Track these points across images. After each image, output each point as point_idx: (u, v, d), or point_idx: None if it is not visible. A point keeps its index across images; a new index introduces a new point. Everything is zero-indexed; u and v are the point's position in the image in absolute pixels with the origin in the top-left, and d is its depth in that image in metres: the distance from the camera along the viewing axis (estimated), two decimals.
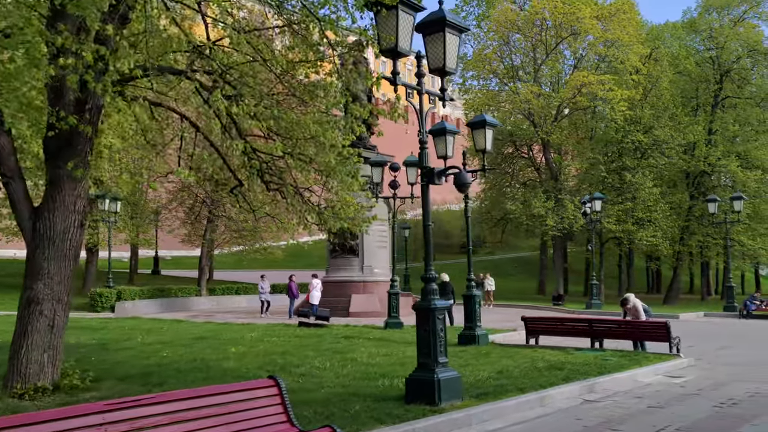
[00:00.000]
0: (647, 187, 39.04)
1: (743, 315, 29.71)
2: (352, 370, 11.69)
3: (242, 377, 10.51)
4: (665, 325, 14.55)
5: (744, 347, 18.27)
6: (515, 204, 41.01)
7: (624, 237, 39.95)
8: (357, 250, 29.96)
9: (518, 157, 45.23)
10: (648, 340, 15.27)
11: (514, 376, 11.10)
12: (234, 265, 51.84)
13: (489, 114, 43.87)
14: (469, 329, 16.20)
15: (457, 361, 12.94)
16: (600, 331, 15.62)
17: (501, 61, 42.43)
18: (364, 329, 20.31)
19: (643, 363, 13.17)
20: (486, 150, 16.17)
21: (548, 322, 16.65)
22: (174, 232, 38.75)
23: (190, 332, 18.05)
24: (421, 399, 8.78)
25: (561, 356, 13.78)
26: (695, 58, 45.29)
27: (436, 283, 21.74)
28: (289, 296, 28.23)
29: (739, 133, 43.85)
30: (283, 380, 5.99)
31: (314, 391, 9.61)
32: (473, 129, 16.29)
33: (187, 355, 13.14)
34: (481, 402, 9.04)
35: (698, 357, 15.18)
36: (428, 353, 9.02)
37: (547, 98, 39.90)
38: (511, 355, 13.89)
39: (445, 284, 22.36)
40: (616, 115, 38.36)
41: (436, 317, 9.06)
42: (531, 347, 15.70)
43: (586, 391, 10.63)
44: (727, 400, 9.84)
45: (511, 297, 45.28)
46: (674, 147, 40.76)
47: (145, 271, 48.51)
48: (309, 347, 14.98)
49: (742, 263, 46.50)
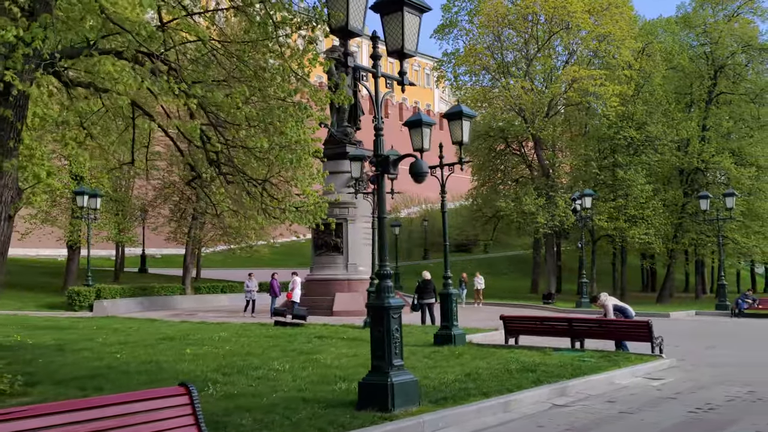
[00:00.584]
0: (639, 184, 38.43)
1: (735, 314, 29.15)
2: (312, 372, 11.09)
3: (191, 381, 9.91)
4: (647, 325, 13.95)
5: (732, 347, 17.69)
6: (506, 201, 40.40)
7: (616, 234, 39.34)
8: (341, 248, 29.40)
9: (510, 153, 44.59)
10: (629, 339, 14.69)
11: (483, 379, 10.50)
12: (223, 263, 51.21)
13: (480, 110, 43.36)
14: (445, 329, 15.59)
15: (426, 363, 12.37)
16: (580, 330, 15.02)
17: (492, 56, 41.77)
18: (341, 328, 19.71)
19: (622, 364, 12.58)
20: (463, 142, 15.58)
21: (527, 322, 16.05)
22: (158, 230, 38.13)
23: (159, 332, 17.43)
24: (374, 405, 8.18)
25: (537, 357, 13.18)
26: (689, 53, 44.68)
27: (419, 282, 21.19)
28: (271, 294, 27.65)
29: (733, 130, 43.28)
30: (195, 388, 5.39)
31: (264, 395, 9.00)
32: (449, 120, 15.70)
33: (144, 357, 12.53)
34: (439, 408, 8.44)
35: (682, 357, 14.60)
36: (382, 355, 8.41)
37: (538, 93, 39.29)
38: (486, 356, 13.29)
39: (426, 282, 21.78)
40: (608, 111, 37.75)
41: (390, 316, 8.44)
42: (509, 347, 15.10)
43: (556, 395, 10.04)
44: (704, 405, 9.25)
45: (504, 296, 44.67)
46: (667, 143, 40.16)
47: (132, 269, 47.89)
48: (277, 348, 14.38)
49: (735, 261, 45.94)
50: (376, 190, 8.88)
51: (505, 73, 41.89)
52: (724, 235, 40.89)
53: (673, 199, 42.73)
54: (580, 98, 38.86)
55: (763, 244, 41.71)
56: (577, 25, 39.83)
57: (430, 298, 21.71)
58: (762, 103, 44.65)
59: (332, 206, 29.47)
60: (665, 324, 25.42)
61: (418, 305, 21.75)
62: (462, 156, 15.58)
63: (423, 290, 21.72)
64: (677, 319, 28.46)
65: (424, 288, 21.65)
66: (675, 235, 42.49)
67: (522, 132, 41.06)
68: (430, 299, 21.69)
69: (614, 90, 37.09)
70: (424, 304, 21.60)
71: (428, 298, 21.61)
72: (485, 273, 68.27)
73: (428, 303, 21.58)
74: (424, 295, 21.66)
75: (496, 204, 41.09)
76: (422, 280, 22.13)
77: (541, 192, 40.42)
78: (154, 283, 35.20)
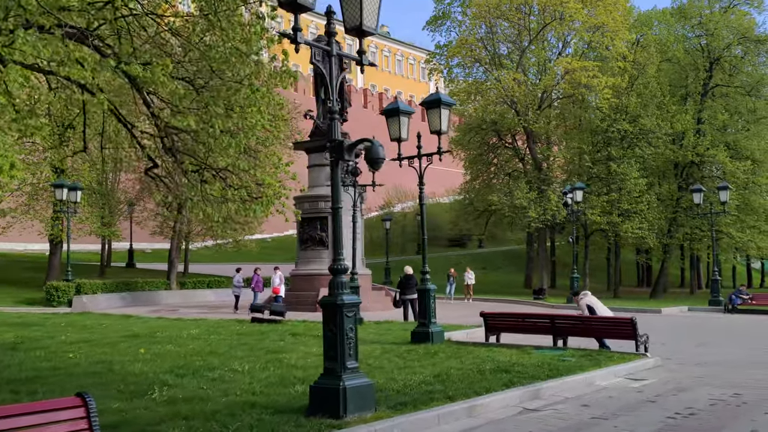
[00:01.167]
0: (633, 178, 37.77)
1: (728, 309, 28.54)
2: (273, 373, 10.46)
3: (138, 383, 9.28)
4: (630, 322, 13.33)
5: (723, 344, 17.08)
6: (498, 195, 39.75)
7: (609, 229, 38.70)
8: (327, 242, 28.71)
9: (502, 147, 43.89)
10: (613, 337, 14.07)
11: (452, 381, 9.87)
12: (212, 258, 50.45)
13: (474, 103, 42.66)
14: (423, 326, 14.96)
15: (397, 363, 11.74)
16: (563, 328, 14.40)
17: (484, 48, 41.02)
18: (318, 325, 18.98)
19: (603, 364, 11.96)
20: (441, 131, 14.95)
21: (509, 319, 15.42)
22: (142, 224, 37.48)
23: (128, 329, 16.79)
24: (324, 411, 7.54)
25: (515, 356, 12.56)
26: (684, 45, 44.00)
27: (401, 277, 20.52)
28: (254, 290, 27.01)
29: (728, 123, 42.64)
30: (92, 398, 4.74)
31: (211, 400, 8.37)
32: (427, 109, 15.08)
33: (98, 357, 11.89)
34: (397, 413, 7.80)
35: (669, 356, 13.99)
36: (334, 357, 7.77)
37: (530, 85, 38.59)
38: (461, 355, 12.67)
39: (409, 277, 21.24)
40: (601, 103, 37.07)
41: (344, 315, 7.81)
42: (488, 346, 14.48)
43: (529, 398, 9.41)
44: (684, 409, 8.62)
45: (497, 291, 44.07)
46: (661, 136, 39.50)
47: (120, 264, 47.21)
48: (245, 346, 13.74)
49: (731, 256, 45.34)
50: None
51: (498, 65, 41.18)
52: (719, 229, 40.33)
53: (667, 193, 42.11)
54: (573, 90, 38.16)
55: (758, 238, 41.15)
56: (570, 16, 39.14)
57: (412, 293, 21.12)
58: (758, 95, 44.02)
59: (317, 200, 29.12)
60: (656, 320, 24.85)
61: (401, 301, 21.17)
62: (441, 146, 14.90)
63: (405, 285, 21.14)
64: (669, 315, 27.87)
65: (407, 283, 21.07)
66: (669, 229, 41.89)
67: (514, 125, 40.34)
68: (413, 294, 21.10)
69: (607, 82, 36.41)
70: (407, 300, 21.00)
71: (410, 294, 21.02)
72: (480, 268, 68.00)
73: (411, 298, 20.98)
74: (406, 291, 21.08)
75: (488, 198, 40.44)
76: (404, 275, 21.57)
77: (533, 186, 39.78)
78: (138, 278, 34.51)
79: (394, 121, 15.34)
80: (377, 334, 16.75)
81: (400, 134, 15.29)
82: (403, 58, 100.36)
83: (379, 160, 7.78)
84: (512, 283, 54.30)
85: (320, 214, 28.83)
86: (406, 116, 15.41)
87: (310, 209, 28.97)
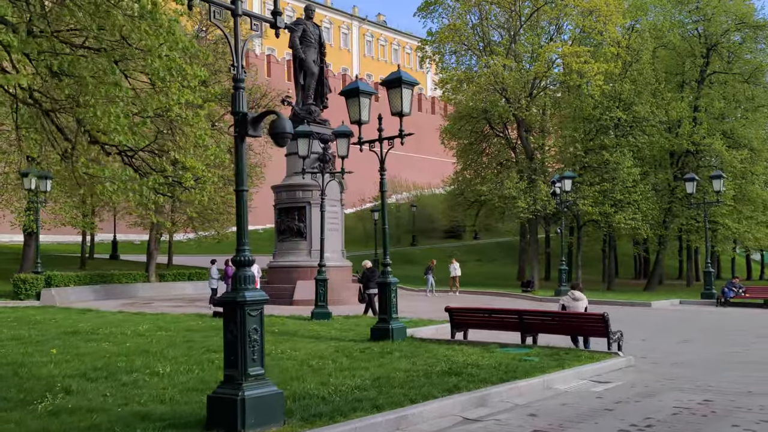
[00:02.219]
0: (626, 167, 36.64)
1: (720, 302, 27.52)
2: (195, 376, 9.45)
3: (35, 390, 8.28)
4: (602, 318, 12.31)
5: (707, 341, 16.06)
6: (487, 185, 38.67)
7: (602, 220, 37.60)
8: (305, 233, 27.76)
9: (494, 136, 42.69)
10: (584, 334, 13.07)
11: (391, 386, 8.86)
12: (197, 249, 49.47)
13: (464, 92, 41.46)
14: (383, 322, 13.94)
15: (341, 364, 10.73)
16: (532, 324, 13.39)
17: (474, 33, 39.75)
18: (284, 320, 18.12)
19: (568, 364, 10.94)
20: (403, 113, 13.91)
21: (475, 314, 14.38)
22: (119, 215, 36.50)
23: (72, 325, 15.79)
24: (222, 425, 6.55)
25: (475, 356, 11.55)
26: (680, 31, 42.75)
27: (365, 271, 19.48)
28: (227, 282, 26.00)
29: (725, 111, 41.45)
30: None
31: (106, 410, 7.37)
32: (388, 89, 14.05)
33: (15, 356, 10.90)
34: (307, 427, 6.80)
35: (644, 354, 12.99)
36: (235, 363, 6.77)
37: (521, 72, 37.40)
38: (416, 355, 11.67)
39: (371, 271, 20.39)
40: (593, 90, 35.89)
41: (246, 314, 6.80)
42: (452, 343, 13.47)
43: (474, 405, 8.40)
44: (642, 420, 7.60)
45: (490, 283, 43.15)
46: (655, 124, 38.31)
47: (104, 255, 46.30)
48: (186, 344, 12.74)
49: (727, 247, 44.22)
50: None
51: (489, 52, 39.96)
52: (715, 220, 39.27)
53: (663, 182, 40.99)
54: (564, 77, 37.00)
55: (755, 229, 40.07)
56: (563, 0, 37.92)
57: (374, 287, 20.30)
58: (756, 83, 42.79)
59: (294, 189, 28.07)
60: (644, 314, 23.84)
61: (365, 296, 20.32)
62: (403, 129, 13.85)
63: (368, 280, 20.27)
64: (659, 308, 26.84)
65: (370, 277, 20.26)
66: (664, 220, 40.80)
67: (506, 113, 39.11)
68: (375, 289, 20.31)
69: (599, 68, 35.23)
70: (371, 295, 20.16)
71: (373, 288, 20.18)
72: (475, 260, 67.24)
73: (373, 293, 20.15)
74: (369, 285, 20.19)
75: (477, 188, 39.38)
76: (366, 269, 20.78)
77: (525, 176, 38.69)
78: (115, 270, 33.53)
79: (354, 103, 14.32)
80: (340, 331, 15.77)
81: (360, 116, 14.27)
82: (399, 47, 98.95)
83: (284, 135, 6.74)
84: (506, 275, 53.32)
85: (297, 203, 27.85)
86: (367, 97, 14.38)
87: (287, 199, 27.98)
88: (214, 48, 33.65)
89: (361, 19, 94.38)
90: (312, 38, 28.73)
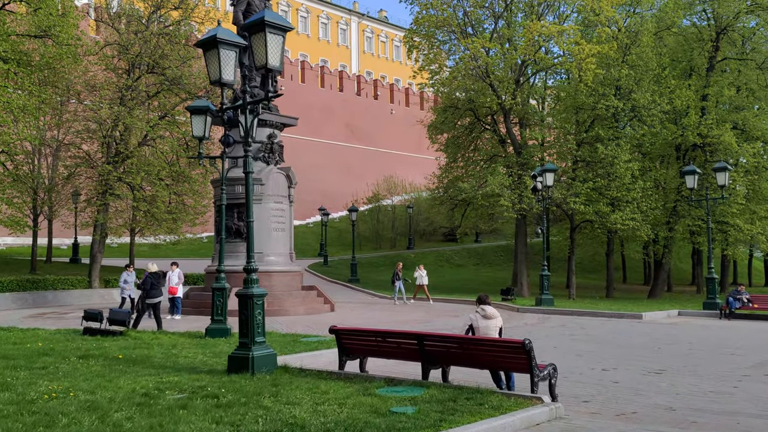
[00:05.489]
0: (623, 161, 32.85)
1: (725, 314, 23.75)
2: None
3: None
4: (522, 347, 8.75)
5: (688, 371, 12.36)
6: (469, 182, 35.07)
7: (596, 220, 33.79)
8: (244, 233, 24.29)
9: (479, 129, 38.91)
10: (504, 368, 9.51)
11: None
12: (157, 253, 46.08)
13: (445, 81, 37.81)
14: (243, 348, 10.44)
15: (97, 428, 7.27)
16: (435, 352, 9.85)
17: (454, 13, 36.00)
18: (168, 338, 14.73)
19: (456, 421, 7.41)
20: (270, 67, 10.50)
21: (367, 338, 10.79)
22: (59, 213, 33.41)
23: None
24: None
25: (334, 406, 8.06)
26: (687, 13, 38.82)
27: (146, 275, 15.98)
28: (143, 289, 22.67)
29: (736, 100, 37.45)
30: None
31: None
32: (250, 34, 10.59)
33: None
34: None
35: (590, 396, 9.47)
36: None
37: (503, 56, 33.72)
38: (249, 404, 8.19)
39: (156, 276, 17.98)
40: (585, 76, 32.11)
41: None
42: (332, 377, 9.97)
43: None
44: None
45: (481, 288, 39.24)
46: (657, 114, 34.45)
47: (63, 259, 43.28)
48: None
49: (738, 250, 40.07)
50: None
51: (472, 34, 36.31)
52: (724, 220, 35.39)
53: (665, 179, 37.13)
54: (551, 62, 33.35)
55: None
56: None
57: (158, 295, 17.70)
58: None
59: (234, 183, 24.69)
60: (629, 329, 20.16)
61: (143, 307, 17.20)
62: (276, 87, 10.47)
63: (151, 287, 17.32)
64: (651, 321, 23.10)
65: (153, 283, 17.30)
66: (668, 221, 36.90)
67: (491, 103, 35.30)
68: (158, 298, 17.68)
69: (591, 50, 31.49)
70: (154, 305, 17.15)
71: (156, 296, 17.48)
72: (474, 263, 63.46)
73: (155, 303, 17.17)
74: (150, 292, 17.09)
75: (459, 185, 35.76)
76: (150, 273, 17.76)
77: (513, 171, 35.00)
78: (52, 275, 30.44)
79: (213, 57, 10.88)
80: (213, 355, 12.39)
81: (221, 75, 10.83)
82: (401, 43, 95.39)
83: None
84: (504, 280, 49.54)
85: (237, 200, 24.47)
86: (231, 49, 10.92)
87: (226, 194, 24.58)
88: None
89: (360, 14, 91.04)
90: None
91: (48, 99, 29.19)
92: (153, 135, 30.25)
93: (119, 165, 30.39)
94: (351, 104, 78.13)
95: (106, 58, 30.92)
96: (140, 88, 30.81)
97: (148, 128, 29.70)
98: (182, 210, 32.49)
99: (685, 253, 59.98)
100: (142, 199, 30.52)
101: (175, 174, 31.95)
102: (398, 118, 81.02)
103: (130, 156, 30.01)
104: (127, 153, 30.04)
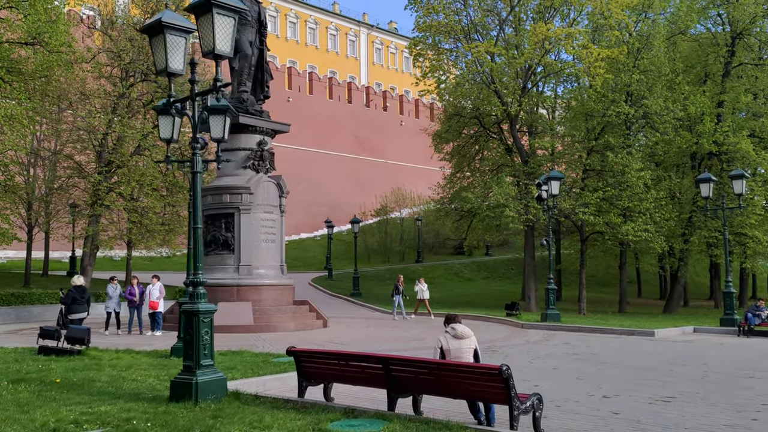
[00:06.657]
0: (634, 170, 31.36)
1: (743, 331, 22.17)
2: None
3: None
4: (498, 375, 7.41)
5: (697, 399, 10.90)
6: (474, 192, 33.71)
7: (607, 231, 32.28)
8: (233, 245, 23.19)
9: (485, 137, 37.55)
10: (479, 398, 8.17)
11: None
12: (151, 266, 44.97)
13: (448, 89, 36.59)
14: (187, 372, 9.17)
15: None
16: (403, 378, 8.52)
17: (453, 17, 34.76)
18: (131, 357, 13.51)
19: None
20: (219, 53, 9.31)
21: (328, 361, 9.46)
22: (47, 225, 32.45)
23: None
24: None
25: None
26: (700, 16, 37.34)
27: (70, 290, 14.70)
28: (130, 305, 21.55)
29: (753, 106, 35.88)
30: None
31: None
32: (197, 17, 9.40)
33: None
34: None
35: None
36: None
37: (509, 60, 32.41)
38: None
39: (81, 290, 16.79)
40: (593, 81, 30.74)
41: None
42: (286, 407, 8.67)
43: None
44: None
45: (488, 303, 38.07)
46: (670, 121, 32.96)
47: (60, 272, 42.32)
48: None
49: (758, 263, 38.29)
50: None
51: (476, 39, 35.07)
52: (742, 232, 33.76)
53: (679, 189, 35.56)
54: (558, 67, 32.00)
55: None
56: None
57: (81, 311, 16.58)
58: None
59: (222, 192, 23.53)
60: (640, 347, 18.67)
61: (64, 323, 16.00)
62: (220, 77, 9.30)
63: (73, 302, 16.15)
64: (664, 338, 21.57)
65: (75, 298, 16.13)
66: (683, 232, 35.29)
67: (497, 110, 33.95)
68: (82, 314, 16.59)
69: (600, 54, 30.14)
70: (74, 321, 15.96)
71: (79, 312, 16.42)
72: (483, 277, 61.88)
73: (79, 319, 16.25)
74: (72, 308, 15.86)
75: (463, 195, 34.39)
76: (74, 287, 16.63)
77: (521, 181, 33.64)
78: (41, 289, 29.45)
79: (159, 44, 9.68)
80: (167, 378, 11.11)
81: (167, 63, 9.62)
82: (411, 55, 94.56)
83: None
84: (511, 294, 47.93)
85: (225, 209, 23.35)
86: (180, 35, 9.71)
87: (213, 203, 23.44)
88: None
89: (370, 26, 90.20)
90: (249, 16, 24.31)
91: (39, 108, 28.35)
92: (146, 144, 29.28)
93: (111, 175, 29.45)
94: (360, 116, 77.10)
95: (100, 66, 30.12)
96: (133, 96, 29.94)
97: (140, 137, 28.74)
98: (177, 221, 31.46)
99: (702, 266, 58.00)
100: (134, 210, 29.54)
101: (169, 184, 30.98)
102: (408, 129, 79.83)
103: (122, 166, 29.06)
104: (119, 162, 29.11)
